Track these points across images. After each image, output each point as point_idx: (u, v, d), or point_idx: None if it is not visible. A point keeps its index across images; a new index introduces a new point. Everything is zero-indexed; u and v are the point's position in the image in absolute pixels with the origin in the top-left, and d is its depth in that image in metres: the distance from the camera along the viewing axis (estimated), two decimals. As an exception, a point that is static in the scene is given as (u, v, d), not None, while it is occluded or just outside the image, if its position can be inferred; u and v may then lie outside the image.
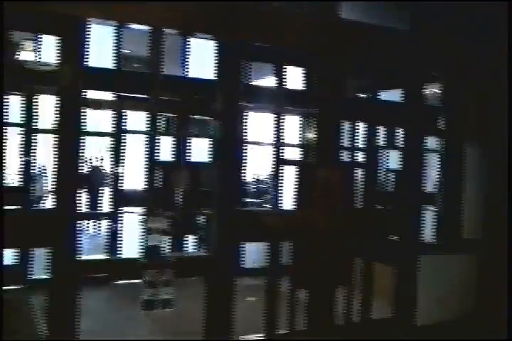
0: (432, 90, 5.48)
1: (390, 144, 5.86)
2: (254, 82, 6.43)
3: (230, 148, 3.92)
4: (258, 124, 6.48)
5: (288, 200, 4.21)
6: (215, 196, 3.90)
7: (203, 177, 6.26)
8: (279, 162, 4.18)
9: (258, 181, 11.88)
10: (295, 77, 5.91)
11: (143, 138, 6.05)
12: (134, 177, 6.60)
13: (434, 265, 4.82)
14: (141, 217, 4.40)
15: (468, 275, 5.06)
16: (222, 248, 3.86)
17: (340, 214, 4.16)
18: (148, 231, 3.60)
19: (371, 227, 4.51)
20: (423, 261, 4.66)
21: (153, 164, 5.65)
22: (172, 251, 4.26)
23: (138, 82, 5.56)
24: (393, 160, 6.06)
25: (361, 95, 5.90)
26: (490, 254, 5.04)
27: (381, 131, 5.83)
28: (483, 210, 5.10)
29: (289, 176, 4.17)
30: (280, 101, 4.53)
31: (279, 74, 4.41)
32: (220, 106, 3.89)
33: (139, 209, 5.35)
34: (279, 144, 4.48)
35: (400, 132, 4.95)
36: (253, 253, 6.26)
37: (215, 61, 3.90)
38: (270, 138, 4.59)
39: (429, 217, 5.37)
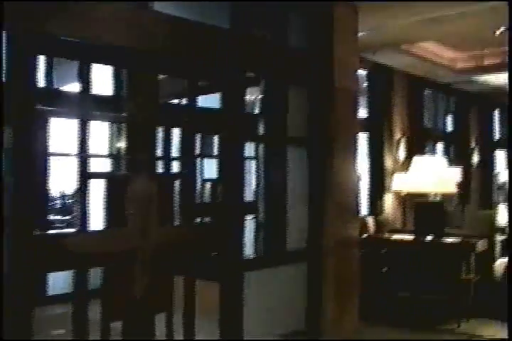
0: (252, 93, 5.41)
1: (208, 152, 5.69)
2: (56, 85, 5.83)
3: (28, 161, 3.32)
4: (61, 133, 5.89)
5: (97, 217, 3.78)
6: (10, 218, 3.27)
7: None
8: (86, 175, 3.70)
9: (63, 197, 11.01)
10: (104, 79, 5.47)
11: None
12: None
13: (260, 279, 4.67)
14: None
15: (297, 287, 5.01)
16: (18, 278, 3.25)
17: (158, 231, 3.82)
18: None
19: (192, 243, 4.24)
20: (248, 276, 4.46)
21: None
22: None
23: None
24: (211, 169, 5.89)
25: (177, 100, 5.68)
26: (316, 263, 5.03)
27: (198, 138, 5.62)
28: (306, 218, 5.08)
29: (99, 190, 3.74)
30: (86, 106, 4.02)
31: (85, 75, 3.91)
32: (12, 112, 3.25)
33: None
34: (85, 154, 3.96)
35: (217, 139, 4.75)
36: (60, 278, 5.66)
37: (5, 58, 3.26)
38: (75, 147, 4.03)
39: (251, 228, 5.21)
